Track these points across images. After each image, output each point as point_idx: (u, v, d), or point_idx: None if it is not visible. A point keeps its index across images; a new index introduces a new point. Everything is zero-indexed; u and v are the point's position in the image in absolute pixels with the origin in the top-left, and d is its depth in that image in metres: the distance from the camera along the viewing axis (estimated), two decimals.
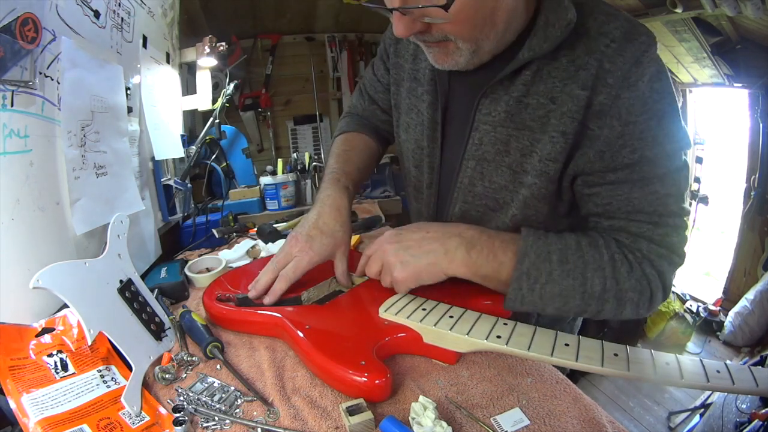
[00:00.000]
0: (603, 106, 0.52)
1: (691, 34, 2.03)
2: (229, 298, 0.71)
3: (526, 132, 0.57)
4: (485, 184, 0.63)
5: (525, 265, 0.55)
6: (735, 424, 1.48)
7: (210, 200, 1.72)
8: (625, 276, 0.54)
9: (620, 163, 0.54)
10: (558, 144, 0.55)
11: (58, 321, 0.59)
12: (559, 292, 0.55)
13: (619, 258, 0.55)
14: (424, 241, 0.58)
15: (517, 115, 0.57)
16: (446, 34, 0.52)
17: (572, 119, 0.54)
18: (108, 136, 0.89)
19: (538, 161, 0.57)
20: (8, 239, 0.60)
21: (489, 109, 0.59)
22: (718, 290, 2.67)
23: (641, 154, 0.53)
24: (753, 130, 2.36)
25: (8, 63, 0.59)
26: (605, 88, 0.52)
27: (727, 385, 0.42)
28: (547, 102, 0.55)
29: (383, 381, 0.50)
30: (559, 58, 0.54)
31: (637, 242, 0.56)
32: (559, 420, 0.48)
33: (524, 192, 0.60)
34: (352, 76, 2.51)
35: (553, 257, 0.55)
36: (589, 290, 0.54)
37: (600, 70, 0.52)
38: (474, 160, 0.62)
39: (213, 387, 0.55)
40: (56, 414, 0.47)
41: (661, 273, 0.56)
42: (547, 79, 0.55)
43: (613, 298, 0.55)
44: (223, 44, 1.54)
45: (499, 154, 0.60)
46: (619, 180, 0.54)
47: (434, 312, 0.59)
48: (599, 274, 0.54)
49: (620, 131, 0.52)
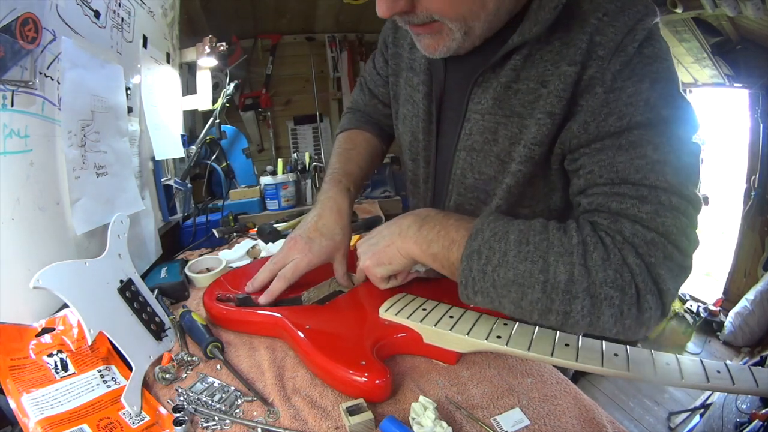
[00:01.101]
0: (592, 79, 0.47)
1: (691, 34, 2.03)
2: (229, 298, 0.71)
3: (514, 119, 0.54)
4: (475, 175, 0.60)
5: (476, 242, 0.47)
6: (735, 425, 1.48)
7: (210, 200, 1.72)
8: (598, 264, 0.43)
9: (606, 132, 0.47)
10: (545, 126, 0.51)
11: (58, 321, 0.59)
12: (514, 278, 0.45)
13: (591, 241, 0.44)
14: (386, 227, 0.58)
15: (505, 102, 0.54)
16: (432, 14, 0.48)
17: (559, 98, 0.49)
18: (108, 136, 0.89)
19: (523, 147, 0.53)
20: (8, 239, 0.60)
21: (480, 97, 0.56)
22: (718, 290, 2.67)
23: (630, 120, 0.46)
24: (753, 131, 2.36)
25: (8, 63, 0.59)
26: (596, 60, 0.47)
27: (727, 385, 0.42)
28: (538, 86, 0.51)
29: (383, 381, 0.50)
30: (552, 42, 0.50)
31: (618, 222, 0.45)
32: (559, 420, 0.48)
33: (508, 180, 0.56)
34: (352, 76, 2.51)
35: (511, 237, 0.47)
36: (551, 279, 0.44)
37: (590, 44, 0.47)
38: (465, 151, 0.60)
39: (213, 387, 0.55)
40: (56, 414, 0.47)
41: (650, 266, 0.43)
42: (539, 63, 0.51)
43: (584, 293, 0.43)
44: (223, 44, 1.54)
45: (487, 143, 0.57)
46: (604, 146, 0.47)
47: (434, 312, 0.59)
48: (565, 260, 0.44)
49: (604, 98, 0.47)
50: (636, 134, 0.46)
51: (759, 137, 2.30)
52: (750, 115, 2.33)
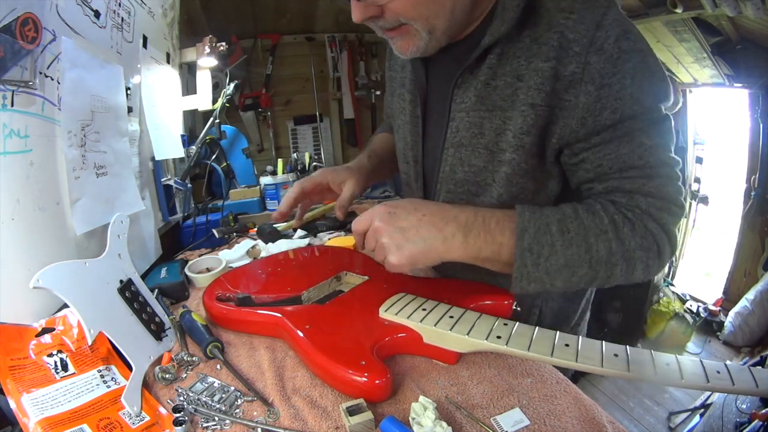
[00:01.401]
0: (574, 75, 0.53)
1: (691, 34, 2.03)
2: (229, 298, 0.71)
3: (497, 112, 0.58)
4: (465, 168, 0.64)
5: (525, 241, 0.53)
6: (735, 425, 1.48)
7: (210, 200, 1.72)
8: (629, 235, 0.53)
9: (602, 125, 0.54)
10: (528, 117, 0.56)
11: (58, 321, 0.59)
12: (564, 263, 0.53)
13: (619, 219, 0.54)
14: (421, 225, 0.55)
15: (486, 98, 0.59)
16: (399, 17, 0.54)
17: (539, 91, 0.54)
18: (108, 136, 0.89)
19: (512, 137, 0.58)
20: (8, 239, 0.60)
21: (462, 97, 0.61)
22: (718, 290, 2.66)
23: (621, 112, 0.53)
24: (753, 131, 2.35)
25: (8, 63, 0.59)
26: (573, 57, 0.52)
27: (727, 385, 0.42)
28: (514, 80, 0.56)
29: (383, 381, 0.50)
30: (522, 39, 0.56)
31: (634, 199, 0.55)
32: (559, 420, 0.48)
33: (504, 169, 0.60)
34: (352, 76, 2.50)
35: (552, 228, 0.53)
36: (595, 256, 0.53)
37: (563, 40, 0.53)
38: (453, 148, 0.64)
39: (213, 387, 0.55)
40: (56, 414, 0.47)
41: (663, 225, 0.55)
42: (512, 59, 0.56)
43: (621, 260, 0.53)
44: (223, 44, 1.54)
45: (475, 137, 0.61)
46: (605, 140, 0.54)
47: (434, 312, 0.59)
48: (603, 238, 0.53)
49: (597, 95, 0.53)
50: (627, 125, 0.53)
51: (759, 137, 2.30)
52: (750, 115, 2.33)
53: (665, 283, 2.80)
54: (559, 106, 0.55)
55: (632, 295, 2.39)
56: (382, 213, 0.57)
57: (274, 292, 0.72)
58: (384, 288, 0.70)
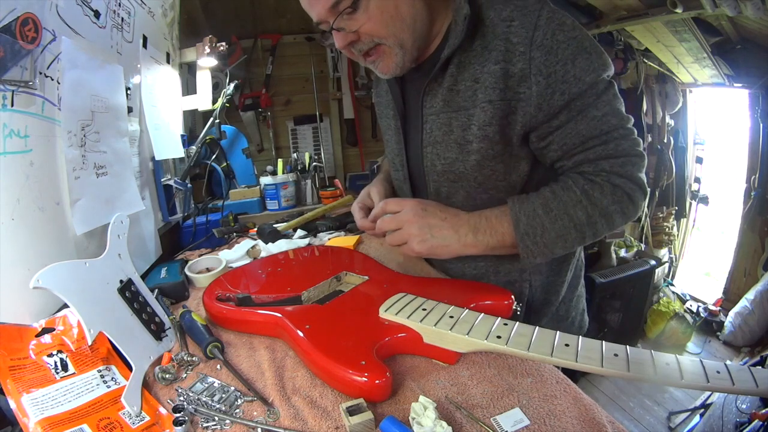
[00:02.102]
0: (523, 71, 0.63)
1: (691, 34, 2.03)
2: (229, 298, 0.71)
3: (461, 111, 0.69)
4: (441, 161, 0.74)
5: (521, 228, 0.66)
6: (735, 425, 1.48)
7: (210, 200, 1.72)
8: (599, 197, 0.64)
9: (558, 107, 0.63)
10: (488, 111, 0.66)
11: (58, 321, 0.59)
12: (556, 234, 0.65)
13: (588, 186, 0.65)
14: (443, 226, 0.69)
15: (451, 101, 0.70)
16: (373, 38, 0.65)
17: (494, 89, 0.65)
18: (108, 136, 0.89)
19: (477, 129, 0.68)
20: (8, 239, 0.60)
21: (431, 103, 0.73)
22: (718, 290, 2.66)
23: (569, 93, 0.63)
24: (753, 131, 2.35)
25: (8, 63, 0.59)
26: (520, 56, 0.62)
27: (727, 385, 0.42)
28: (473, 83, 0.67)
29: (383, 381, 0.50)
30: (474, 48, 0.66)
31: (599, 165, 0.65)
32: (559, 420, 0.48)
33: (474, 157, 0.70)
34: (352, 76, 2.50)
35: (539, 211, 0.65)
36: (578, 222, 0.65)
37: (508, 44, 0.63)
38: (430, 146, 0.75)
39: (213, 387, 0.55)
40: (56, 414, 0.47)
41: (629, 176, 0.65)
42: (468, 66, 0.67)
43: (599, 218, 0.65)
44: (223, 44, 1.54)
45: (445, 134, 0.72)
46: (563, 122, 0.64)
47: (434, 312, 0.59)
48: (579, 207, 0.65)
49: (546, 83, 0.62)
50: (579, 103, 0.63)
51: (759, 137, 2.30)
52: (750, 115, 2.33)
53: (665, 283, 2.80)
54: (516, 98, 0.64)
55: (632, 295, 2.39)
56: (415, 207, 0.70)
57: (274, 292, 0.73)
58: (384, 288, 0.70)
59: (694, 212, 2.90)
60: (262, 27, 2.36)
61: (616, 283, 2.28)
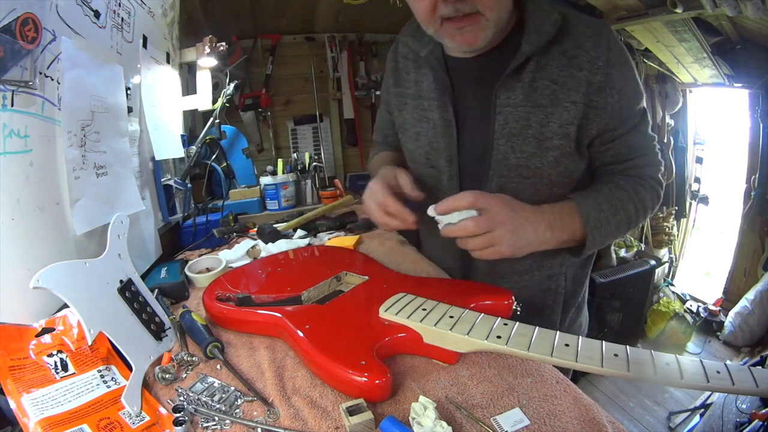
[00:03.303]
0: (601, 83, 0.70)
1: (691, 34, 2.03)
2: (229, 298, 0.71)
3: (540, 108, 0.72)
4: (517, 155, 0.74)
5: (591, 221, 0.72)
6: (735, 425, 1.48)
7: (210, 200, 1.72)
8: (643, 194, 0.77)
9: (622, 120, 0.73)
10: (571, 111, 0.71)
11: (58, 321, 0.59)
12: (615, 227, 0.75)
13: (636, 187, 0.77)
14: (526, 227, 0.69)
15: (531, 96, 0.72)
16: (478, 7, 0.64)
17: (577, 92, 0.70)
18: (108, 136, 0.89)
19: (558, 127, 0.72)
20: (8, 239, 0.60)
21: (507, 95, 0.73)
22: (718, 290, 2.66)
23: (630, 110, 0.74)
24: (753, 131, 2.35)
25: (8, 63, 0.59)
26: (599, 69, 0.69)
27: (727, 385, 0.42)
28: (551, 84, 0.71)
29: (383, 381, 0.50)
30: (551, 51, 0.70)
31: (641, 170, 0.78)
32: (559, 420, 0.48)
33: (553, 153, 0.74)
34: (352, 76, 2.50)
35: (603, 206, 0.73)
36: (630, 215, 0.75)
37: (589, 56, 0.69)
38: (504, 138, 0.74)
39: (213, 387, 0.55)
40: (56, 414, 0.47)
41: (657, 180, 0.80)
42: (546, 67, 0.71)
43: (641, 211, 0.77)
44: (223, 44, 1.54)
45: (523, 128, 0.73)
46: (621, 133, 0.74)
47: (434, 312, 0.59)
48: (631, 203, 0.75)
49: (618, 97, 0.71)
50: (633, 120, 0.74)
51: (759, 137, 2.30)
52: (750, 115, 2.33)
53: (665, 283, 2.80)
54: (592, 105, 0.71)
55: (632, 295, 2.39)
56: (504, 207, 0.67)
57: (274, 292, 0.73)
58: (384, 288, 0.70)
59: (694, 212, 2.90)
60: (262, 27, 2.36)
61: (616, 283, 2.28)
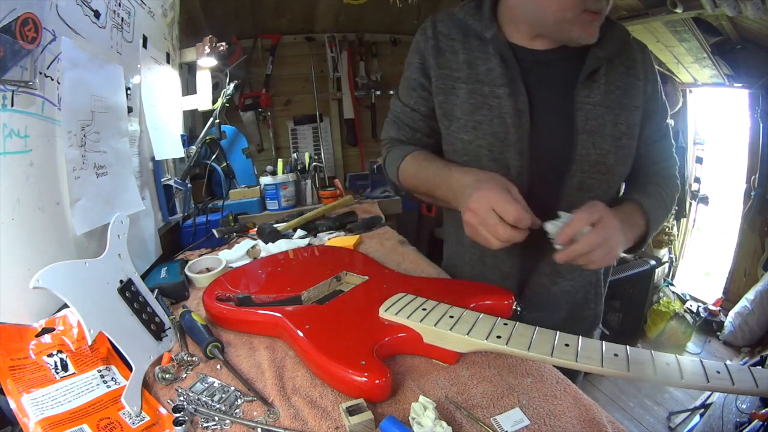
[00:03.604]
0: (649, 93, 0.80)
1: (691, 34, 2.03)
2: (229, 298, 0.71)
3: (611, 110, 0.77)
4: (597, 151, 0.77)
5: (651, 222, 0.78)
6: (735, 424, 1.48)
7: (210, 200, 1.72)
8: (673, 190, 0.86)
9: (659, 127, 0.84)
10: (636, 115, 0.79)
11: (58, 321, 0.59)
12: (663, 219, 0.82)
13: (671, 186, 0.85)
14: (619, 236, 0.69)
15: (605, 97, 0.77)
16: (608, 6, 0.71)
17: (639, 98, 0.79)
18: (108, 136, 0.89)
19: (626, 128, 0.78)
20: (8, 239, 0.60)
21: (587, 92, 0.76)
22: (718, 290, 2.66)
23: (665, 120, 0.85)
24: (753, 131, 2.35)
25: (8, 63, 0.59)
26: (648, 80, 0.80)
27: (727, 385, 0.42)
28: (616, 88, 0.78)
29: (383, 381, 0.50)
30: (614, 60, 0.78)
31: (669, 170, 0.87)
32: (559, 420, 0.48)
33: (624, 152, 0.80)
34: (352, 76, 2.50)
35: (656, 205, 0.80)
36: (669, 209, 0.84)
37: (643, 68, 0.80)
38: (586, 134, 0.76)
39: (213, 387, 0.55)
40: (56, 414, 0.47)
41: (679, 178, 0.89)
42: (612, 73, 0.78)
43: (672, 204, 0.85)
44: (223, 44, 1.54)
45: (601, 126, 0.77)
46: (659, 138, 0.85)
47: (434, 312, 0.59)
48: (668, 199, 0.84)
49: (661, 107, 0.83)
50: (664, 129, 0.86)
51: (759, 137, 2.29)
52: (750, 115, 2.32)
53: (665, 283, 2.80)
54: (645, 111, 0.80)
55: (632, 295, 2.39)
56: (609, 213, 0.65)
57: (274, 292, 0.73)
58: (384, 288, 0.70)
59: (694, 212, 2.89)
60: (262, 27, 2.37)
61: (616, 283, 2.28)
